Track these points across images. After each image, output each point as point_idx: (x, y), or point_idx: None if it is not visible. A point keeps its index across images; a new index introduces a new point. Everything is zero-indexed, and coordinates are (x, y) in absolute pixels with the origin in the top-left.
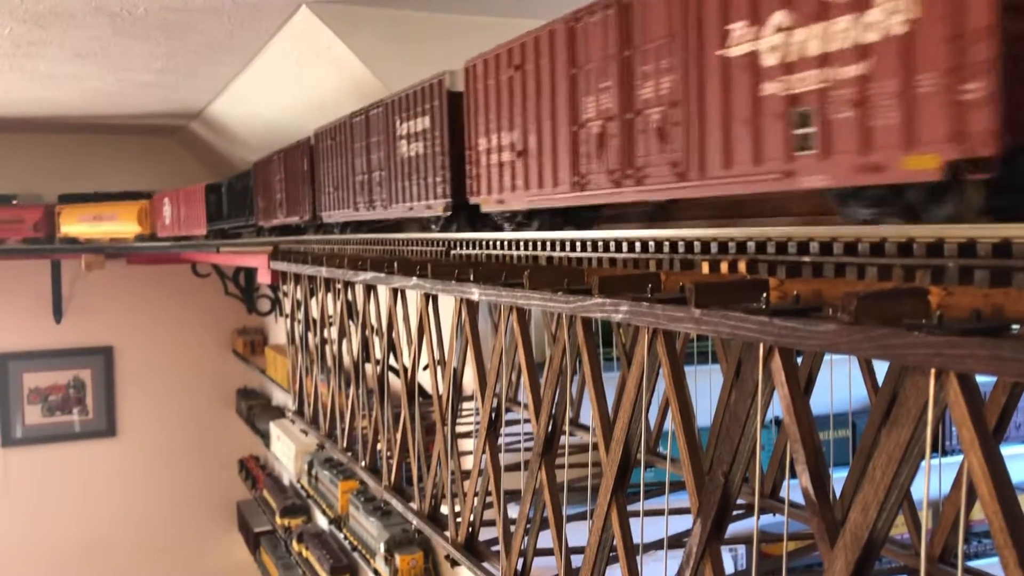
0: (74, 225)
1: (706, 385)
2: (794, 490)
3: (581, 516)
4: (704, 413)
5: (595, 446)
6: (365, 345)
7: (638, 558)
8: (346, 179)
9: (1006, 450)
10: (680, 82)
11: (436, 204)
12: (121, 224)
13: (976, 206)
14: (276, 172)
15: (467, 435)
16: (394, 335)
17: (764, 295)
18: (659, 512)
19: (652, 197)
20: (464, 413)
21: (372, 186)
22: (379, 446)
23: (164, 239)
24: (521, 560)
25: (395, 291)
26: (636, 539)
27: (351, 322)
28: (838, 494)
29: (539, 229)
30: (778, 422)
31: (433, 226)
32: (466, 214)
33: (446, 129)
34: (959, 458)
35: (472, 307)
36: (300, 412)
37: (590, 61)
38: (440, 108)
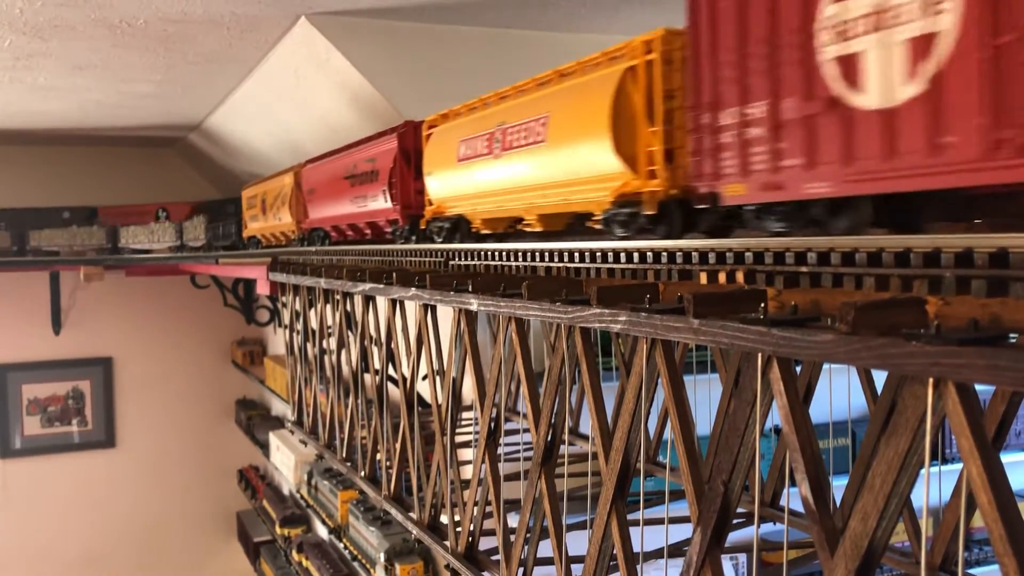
0: None
1: (705, 394)
2: (794, 498)
3: (581, 525)
4: (703, 422)
5: (595, 455)
6: (364, 355)
7: (638, 567)
8: None
9: (1006, 458)
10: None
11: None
12: None
13: None
14: None
15: (467, 445)
16: (393, 345)
17: (762, 305)
18: (659, 521)
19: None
20: (463, 423)
21: None
22: (378, 456)
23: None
24: (521, 569)
25: (394, 302)
26: (636, 548)
27: (350, 332)
28: (838, 502)
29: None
30: (777, 431)
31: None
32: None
33: None
34: (959, 466)
35: (471, 317)
36: (299, 422)
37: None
38: None
